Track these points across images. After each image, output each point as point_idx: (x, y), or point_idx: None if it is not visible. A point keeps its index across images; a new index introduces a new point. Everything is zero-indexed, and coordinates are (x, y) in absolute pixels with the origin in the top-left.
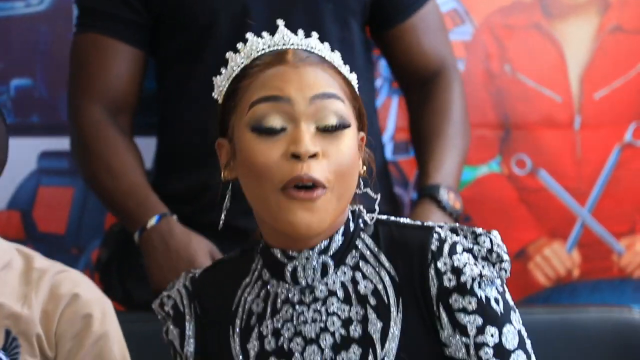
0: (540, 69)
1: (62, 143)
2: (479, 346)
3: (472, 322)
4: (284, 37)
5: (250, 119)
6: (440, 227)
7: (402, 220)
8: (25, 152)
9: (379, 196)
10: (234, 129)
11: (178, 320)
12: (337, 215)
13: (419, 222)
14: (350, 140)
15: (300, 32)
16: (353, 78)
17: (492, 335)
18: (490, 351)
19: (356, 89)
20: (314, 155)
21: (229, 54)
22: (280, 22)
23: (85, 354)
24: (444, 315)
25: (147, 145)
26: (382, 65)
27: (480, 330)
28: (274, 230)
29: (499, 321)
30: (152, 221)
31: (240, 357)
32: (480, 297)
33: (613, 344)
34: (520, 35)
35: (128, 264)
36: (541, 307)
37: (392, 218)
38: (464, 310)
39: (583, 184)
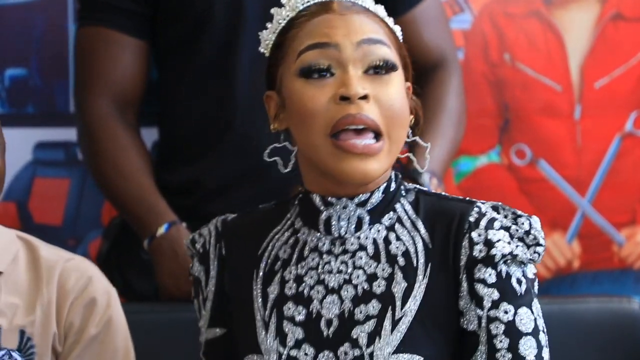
0: (540, 58)
1: (57, 134)
2: (491, 320)
3: (489, 295)
4: None
5: (298, 65)
6: (483, 203)
7: (444, 193)
8: (21, 142)
9: (429, 145)
10: (282, 79)
11: (204, 259)
12: (392, 161)
13: (461, 197)
14: (398, 86)
15: None
16: (397, 29)
17: (506, 312)
18: (502, 327)
19: (401, 40)
20: (364, 98)
21: (275, 9)
22: None
23: (88, 340)
24: (465, 283)
25: (147, 135)
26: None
27: (495, 305)
28: (319, 175)
29: (517, 301)
30: (162, 229)
31: (260, 300)
32: (501, 271)
33: (612, 334)
34: (519, 23)
35: (128, 256)
36: (541, 297)
37: (434, 191)
38: (483, 281)
39: (583, 174)
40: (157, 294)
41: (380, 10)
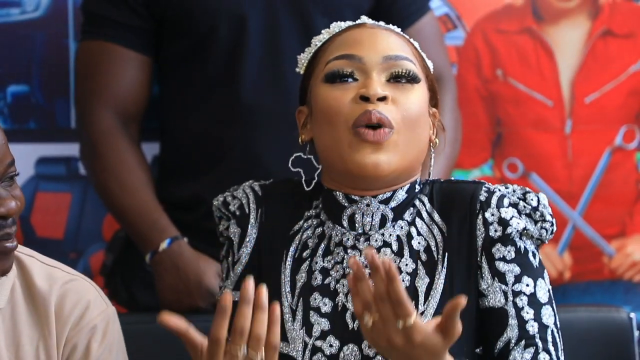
0: (531, 74)
1: (59, 149)
2: (516, 293)
3: (511, 270)
4: (362, 19)
5: (324, 73)
6: (491, 184)
7: (454, 178)
8: (23, 158)
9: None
10: (311, 90)
11: (242, 221)
12: (405, 163)
13: (471, 179)
14: (419, 95)
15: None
16: (426, 57)
17: (527, 285)
18: (526, 299)
19: (431, 69)
20: (383, 99)
21: (314, 38)
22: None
23: None
24: (485, 264)
25: (147, 149)
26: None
27: (518, 279)
28: (340, 174)
29: (534, 273)
30: (164, 244)
31: (288, 285)
32: (519, 247)
33: (602, 343)
34: (511, 40)
35: (132, 268)
36: None
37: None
38: (504, 259)
39: (574, 187)
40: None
41: (407, 35)
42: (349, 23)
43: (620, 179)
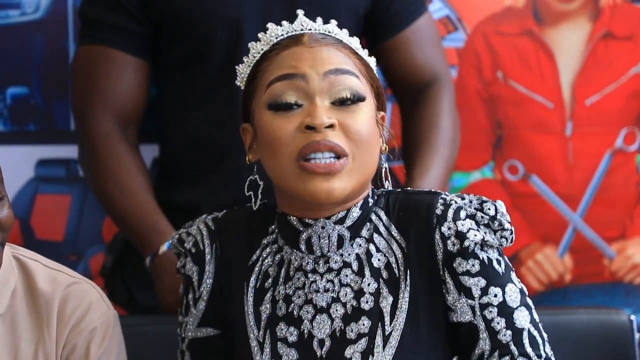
0: (532, 76)
1: (58, 151)
2: (484, 306)
3: (477, 284)
4: (302, 24)
5: (267, 98)
6: (447, 194)
7: (410, 188)
8: (23, 160)
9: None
10: (254, 112)
11: (198, 259)
12: (359, 186)
13: (426, 189)
14: (366, 114)
15: (319, 19)
16: (371, 60)
17: (495, 295)
18: (495, 310)
19: (374, 70)
20: (331, 126)
21: (251, 43)
22: (300, 12)
23: None
24: (449, 279)
25: (146, 151)
26: (377, 72)
27: (485, 291)
28: (292, 199)
29: (502, 281)
30: (164, 247)
31: (252, 318)
32: (483, 259)
33: (602, 345)
34: (512, 42)
35: (132, 270)
36: None
37: (401, 189)
38: (468, 273)
39: (575, 189)
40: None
41: (354, 42)
42: (286, 29)
43: (620, 182)
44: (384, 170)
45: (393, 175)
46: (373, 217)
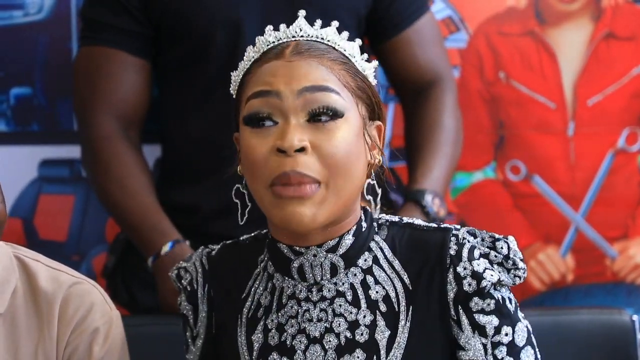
0: (534, 76)
1: (62, 151)
2: (495, 345)
3: (490, 322)
4: (297, 29)
5: (245, 113)
6: (457, 229)
7: (416, 222)
8: (26, 160)
9: (379, 197)
10: (239, 123)
11: (192, 298)
12: (337, 212)
13: (434, 224)
14: (344, 132)
15: (318, 22)
16: (369, 66)
17: (506, 335)
18: (505, 349)
19: (369, 78)
20: (302, 150)
21: (248, 48)
22: (301, 13)
23: None
24: (464, 318)
25: (148, 152)
26: (379, 72)
27: (497, 330)
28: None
29: (512, 320)
30: (166, 248)
31: (245, 348)
32: (498, 298)
33: (604, 345)
34: (514, 42)
35: (134, 270)
36: (534, 309)
37: (405, 219)
38: (483, 311)
39: (577, 189)
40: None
41: (350, 47)
42: (278, 35)
43: (622, 182)
44: (386, 170)
45: (396, 176)
46: (372, 246)
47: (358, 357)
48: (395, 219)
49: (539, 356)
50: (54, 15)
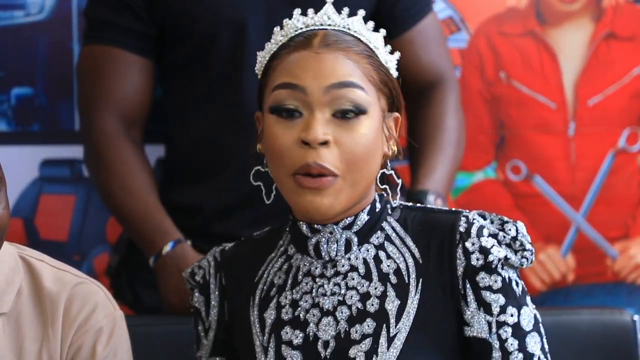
0: (534, 76)
1: (63, 151)
2: (500, 324)
3: (497, 300)
4: (323, 17)
5: (271, 101)
6: (468, 212)
7: (429, 205)
8: (27, 160)
9: (400, 181)
10: (264, 107)
11: (205, 289)
12: (353, 200)
13: (446, 208)
14: (366, 128)
15: (345, 9)
16: (392, 58)
17: (511, 315)
18: (509, 330)
19: (392, 71)
20: (325, 143)
21: (276, 29)
22: (329, 0)
23: None
24: (470, 292)
25: (150, 151)
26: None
27: (503, 309)
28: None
29: (518, 302)
30: (167, 247)
31: (257, 325)
32: (505, 277)
33: (605, 345)
34: (515, 42)
35: (138, 269)
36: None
37: (419, 204)
38: (490, 288)
39: (577, 189)
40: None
41: (374, 39)
42: (306, 22)
43: (623, 182)
44: (389, 174)
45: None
46: (385, 226)
47: (368, 326)
48: (409, 203)
49: (546, 346)
50: (55, 15)
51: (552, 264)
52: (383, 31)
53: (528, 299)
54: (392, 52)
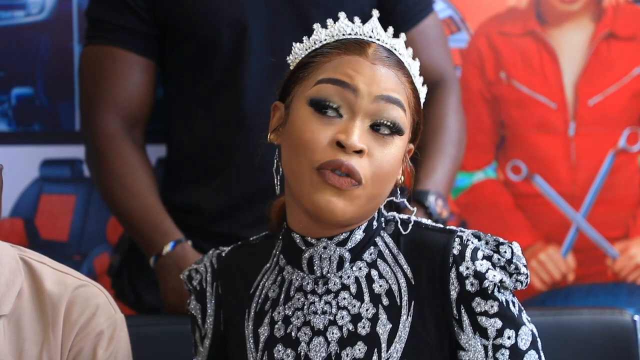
0: (535, 76)
1: (63, 151)
2: (497, 348)
3: (493, 324)
4: (373, 31)
5: (312, 93)
6: (463, 231)
7: (424, 221)
8: (27, 160)
9: (415, 210)
10: (294, 98)
11: (201, 297)
12: (361, 214)
13: (440, 225)
14: (397, 149)
15: (390, 29)
16: (423, 91)
17: (509, 338)
18: (507, 352)
19: (422, 102)
20: (359, 152)
21: (316, 25)
22: (375, 12)
23: None
24: (465, 317)
25: (152, 151)
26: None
27: (500, 333)
28: (299, 211)
29: (516, 323)
30: (168, 248)
31: (251, 340)
32: (501, 301)
33: (605, 345)
34: (515, 42)
35: (139, 269)
36: (535, 309)
37: (414, 218)
38: (486, 313)
39: (577, 189)
40: None
41: (415, 67)
42: (355, 29)
43: (623, 182)
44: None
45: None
46: (378, 241)
47: (359, 350)
48: (404, 216)
49: (543, 358)
50: (56, 15)
51: (553, 264)
52: (417, 62)
53: (524, 316)
54: (423, 84)
